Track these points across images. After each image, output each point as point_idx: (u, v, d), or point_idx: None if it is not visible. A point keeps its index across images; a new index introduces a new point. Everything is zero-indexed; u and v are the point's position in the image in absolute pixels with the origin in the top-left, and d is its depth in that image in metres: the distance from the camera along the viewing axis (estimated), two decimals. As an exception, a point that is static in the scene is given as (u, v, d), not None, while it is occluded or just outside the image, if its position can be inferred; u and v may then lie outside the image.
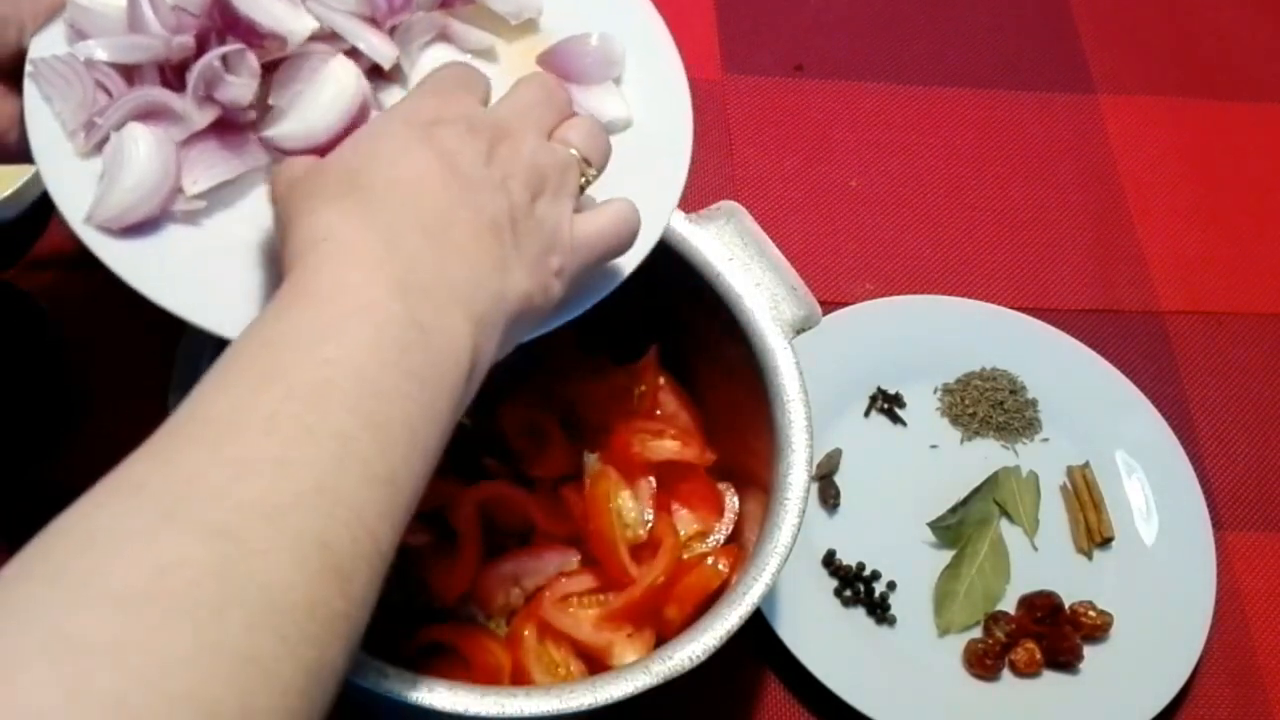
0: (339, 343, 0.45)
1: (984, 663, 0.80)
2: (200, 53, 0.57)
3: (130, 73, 0.58)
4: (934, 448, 0.89)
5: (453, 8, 0.65)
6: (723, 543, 0.74)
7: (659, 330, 0.78)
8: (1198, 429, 0.94)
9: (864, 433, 0.89)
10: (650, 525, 0.72)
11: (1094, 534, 0.86)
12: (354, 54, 0.60)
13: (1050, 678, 0.81)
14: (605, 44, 0.65)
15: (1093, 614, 0.82)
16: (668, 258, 0.72)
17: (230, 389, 0.45)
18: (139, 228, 0.56)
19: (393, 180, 0.50)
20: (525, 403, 0.77)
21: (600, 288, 0.59)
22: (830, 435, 0.87)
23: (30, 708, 0.34)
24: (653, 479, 0.74)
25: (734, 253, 0.73)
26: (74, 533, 0.40)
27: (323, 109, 0.58)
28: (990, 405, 0.90)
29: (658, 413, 0.77)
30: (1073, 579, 0.84)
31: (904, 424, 0.90)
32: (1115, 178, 1.06)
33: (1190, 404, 0.95)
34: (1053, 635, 0.81)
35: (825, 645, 0.79)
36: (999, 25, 1.13)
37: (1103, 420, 0.91)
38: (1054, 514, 0.87)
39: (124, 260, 0.55)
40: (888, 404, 0.90)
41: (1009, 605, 0.83)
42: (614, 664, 0.68)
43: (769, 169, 1.01)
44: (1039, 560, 0.85)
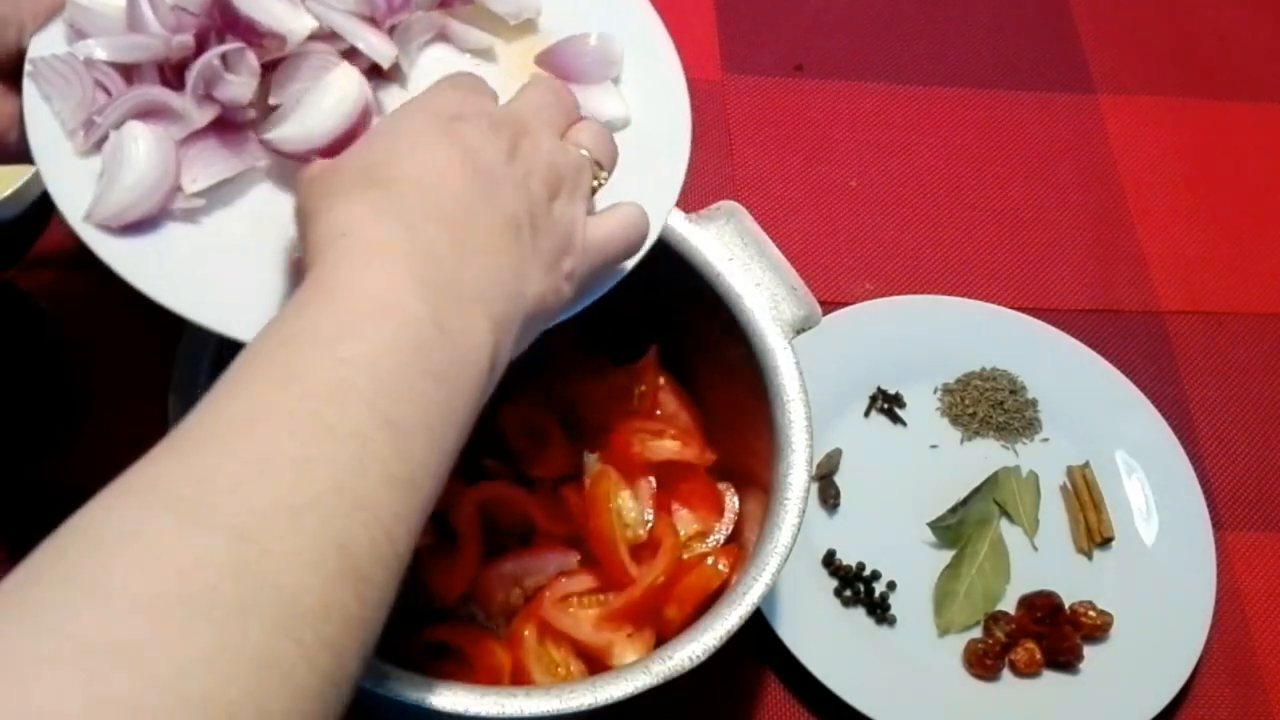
0: (358, 341, 0.45)
1: (984, 663, 0.80)
2: (200, 52, 0.57)
3: (130, 72, 0.58)
4: (934, 448, 0.89)
5: (451, 8, 0.65)
6: (723, 543, 0.74)
7: (659, 330, 0.78)
8: (1198, 429, 0.94)
9: (864, 433, 0.89)
10: (650, 525, 0.72)
11: (1094, 534, 0.86)
12: (353, 53, 0.60)
13: (1050, 678, 0.81)
14: (604, 44, 0.65)
15: (1093, 614, 0.82)
16: (668, 258, 0.72)
17: (249, 386, 0.44)
18: (138, 226, 0.56)
19: (413, 174, 0.50)
20: (525, 403, 0.77)
21: (599, 285, 0.59)
22: (830, 435, 0.87)
23: (46, 711, 0.34)
24: (653, 479, 0.74)
25: (734, 253, 0.73)
26: (88, 533, 0.39)
27: (324, 114, 0.58)
28: (990, 405, 0.90)
29: (658, 413, 0.77)
30: (1073, 579, 0.84)
31: (904, 424, 0.90)
32: (1115, 178, 1.06)
33: (1190, 404, 0.95)
34: (1053, 635, 0.81)
35: (825, 645, 0.79)
36: (999, 25, 1.13)
37: (1103, 420, 0.91)
38: (1054, 514, 0.87)
39: (123, 258, 0.55)
40: (888, 404, 0.90)
41: (1009, 605, 0.83)
42: (614, 664, 0.68)
43: (769, 169, 1.01)
44: (1039, 560, 0.85)
